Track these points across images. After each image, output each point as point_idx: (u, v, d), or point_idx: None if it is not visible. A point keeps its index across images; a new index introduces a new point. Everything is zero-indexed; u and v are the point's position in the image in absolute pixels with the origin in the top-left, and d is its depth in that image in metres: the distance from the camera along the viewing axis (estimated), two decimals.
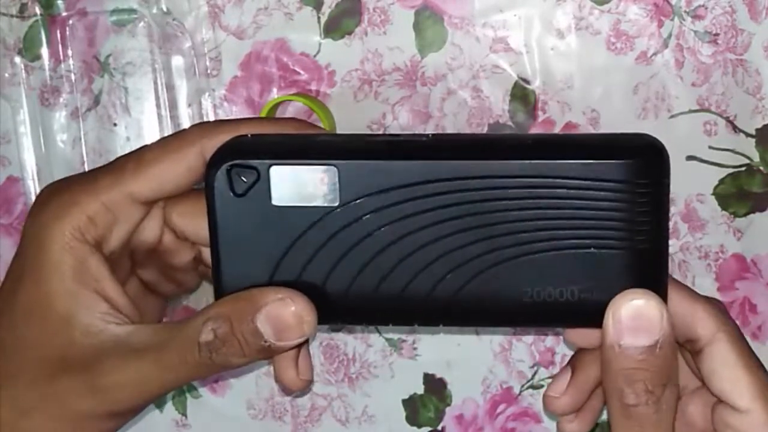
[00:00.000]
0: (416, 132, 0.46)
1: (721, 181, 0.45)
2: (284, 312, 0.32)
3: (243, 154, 0.32)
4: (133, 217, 0.35)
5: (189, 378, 0.34)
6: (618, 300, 0.29)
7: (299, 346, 0.34)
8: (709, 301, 0.33)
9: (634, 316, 0.29)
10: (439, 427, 0.49)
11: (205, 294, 0.46)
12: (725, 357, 0.31)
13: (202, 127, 0.35)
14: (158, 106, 0.47)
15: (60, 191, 0.34)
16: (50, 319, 0.33)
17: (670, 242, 0.46)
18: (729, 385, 0.32)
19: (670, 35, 0.44)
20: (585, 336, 0.35)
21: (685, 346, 0.33)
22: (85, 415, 0.34)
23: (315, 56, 0.46)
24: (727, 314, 0.33)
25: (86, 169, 0.47)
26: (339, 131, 0.46)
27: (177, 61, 0.46)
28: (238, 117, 0.45)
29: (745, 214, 0.46)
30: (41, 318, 0.33)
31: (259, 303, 0.32)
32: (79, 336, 0.33)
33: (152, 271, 0.38)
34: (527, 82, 0.45)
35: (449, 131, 0.46)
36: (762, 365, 0.33)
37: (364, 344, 0.48)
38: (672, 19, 0.44)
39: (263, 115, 0.44)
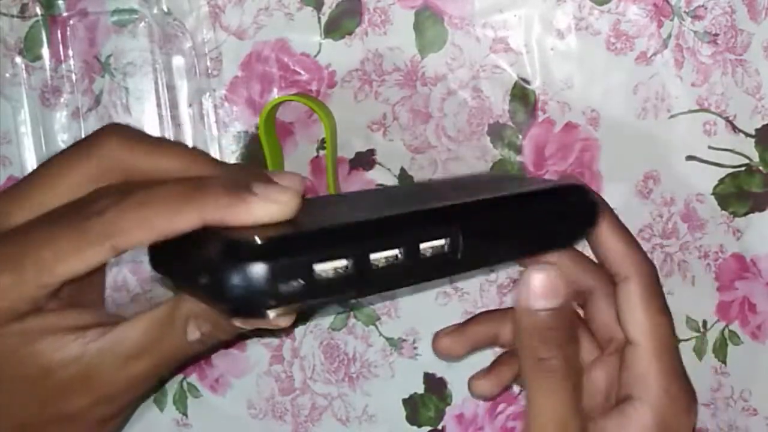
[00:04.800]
0: (415, 131, 0.46)
1: (721, 181, 0.45)
2: None
3: None
4: (51, 290, 0.32)
5: (188, 356, 0.34)
6: (529, 272, 0.33)
7: None
8: (637, 249, 0.39)
9: (543, 284, 0.33)
10: (440, 427, 0.49)
11: None
12: (630, 295, 0.38)
13: (106, 221, 0.30)
14: (159, 106, 0.47)
15: None
16: (24, 386, 0.32)
17: (670, 242, 0.46)
18: (626, 318, 0.38)
19: (669, 35, 0.44)
20: None
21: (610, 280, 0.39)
22: (103, 418, 0.34)
23: (315, 56, 0.46)
24: (647, 265, 0.38)
25: None
26: (339, 131, 0.46)
27: (178, 61, 0.46)
28: (149, 188, 0.32)
29: (745, 214, 0.46)
30: (18, 391, 0.32)
31: None
32: (67, 373, 0.32)
33: None
34: (527, 82, 0.45)
35: (449, 131, 0.46)
36: (665, 310, 0.38)
37: (365, 344, 0.48)
38: (672, 20, 0.44)
39: (263, 114, 0.44)
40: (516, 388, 0.48)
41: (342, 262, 0.27)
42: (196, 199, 0.29)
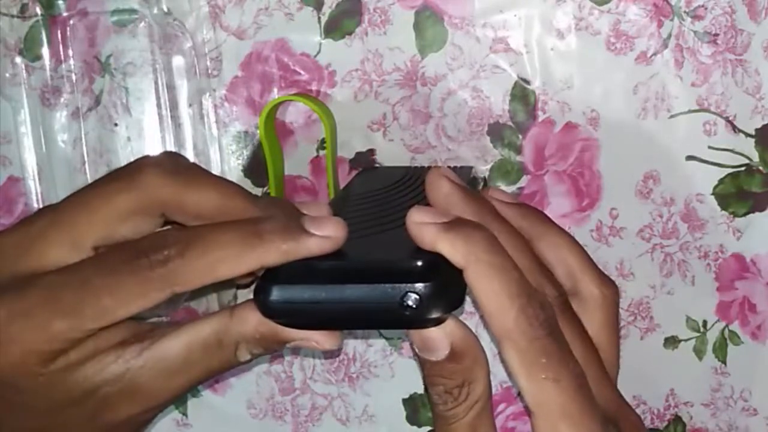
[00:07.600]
0: (415, 131, 0.46)
1: (721, 181, 0.45)
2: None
3: None
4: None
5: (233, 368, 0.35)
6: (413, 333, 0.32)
7: None
8: (508, 308, 0.31)
9: (423, 342, 0.32)
10: None
11: (205, 295, 0.46)
12: (508, 361, 0.32)
13: (171, 271, 0.31)
14: (159, 106, 0.47)
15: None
16: (72, 406, 0.32)
17: (670, 242, 0.46)
18: (515, 384, 0.33)
19: (669, 35, 0.44)
20: None
21: None
22: (147, 420, 0.35)
23: (315, 56, 0.46)
24: (520, 324, 0.31)
25: (87, 169, 0.47)
26: (339, 131, 0.46)
27: (178, 61, 0.46)
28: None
29: (745, 214, 0.46)
30: (67, 411, 0.33)
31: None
32: (112, 389, 0.32)
33: None
34: (527, 82, 0.45)
35: (449, 131, 0.46)
36: (559, 371, 0.31)
37: (365, 344, 0.48)
38: (672, 20, 0.44)
39: (263, 114, 0.44)
40: (516, 389, 0.48)
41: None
42: (257, 246, 0.31)
